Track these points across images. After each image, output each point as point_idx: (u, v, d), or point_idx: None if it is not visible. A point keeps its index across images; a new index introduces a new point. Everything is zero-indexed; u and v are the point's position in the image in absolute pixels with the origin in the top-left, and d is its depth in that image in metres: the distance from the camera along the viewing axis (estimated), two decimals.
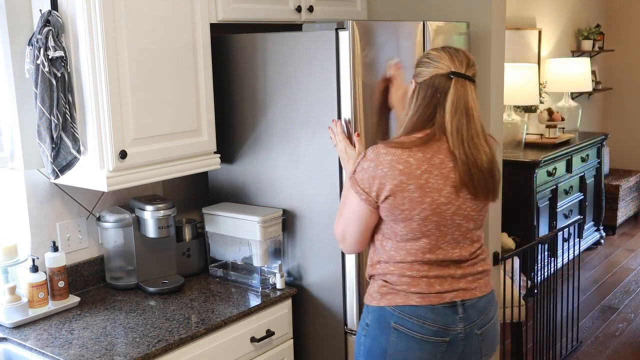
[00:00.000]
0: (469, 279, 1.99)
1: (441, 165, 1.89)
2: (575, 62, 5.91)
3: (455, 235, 1.96)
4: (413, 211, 1.89)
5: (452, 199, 1.90)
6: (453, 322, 1.96)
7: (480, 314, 2.01)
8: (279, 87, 2.46)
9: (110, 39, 2.09)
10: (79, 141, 2.15)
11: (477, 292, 2.00)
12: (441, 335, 1.95)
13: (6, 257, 2.25)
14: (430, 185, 1.88)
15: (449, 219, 1.92)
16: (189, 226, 2.64)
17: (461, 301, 1.97)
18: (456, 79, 1.88)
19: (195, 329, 2.11)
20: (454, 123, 1.87)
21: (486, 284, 2.05)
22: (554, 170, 5.06)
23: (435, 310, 1.95)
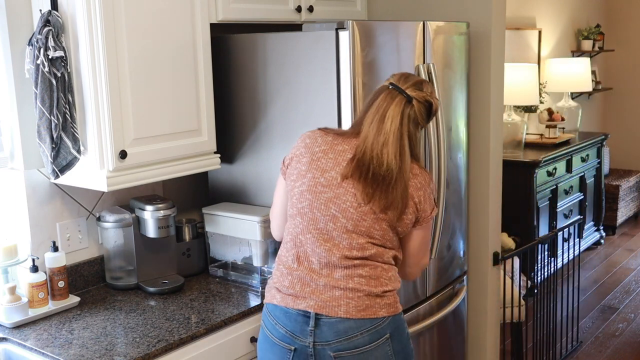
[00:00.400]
0: (334, 293, 1.89)
1: (340, 152, 1.94)
2: (575, 62, 5.91)
3: (329, 227, 1.91)
4: (296, 182, 1.97)
5: (332, 184, 1.91)
6: (302, 332, 1.91)
7: (337, 336, 1.88)
8: (279, 87, 2.46)
9: (110, 39, 2.09)
10: (79, 141, 2.15)
11: (340, 312, 1.88)
12: (287, 342, 1.93)
13: (6, 257, 2.24)
14: (319, 164, 1.94)
15: (323, 203, 1.91)
16: (189, 226, 2.64)
17: (315, 313, 1.89)
18: (390, 90, 1.94)
19: (195, 329, 2.11)
20: (367, 125, 1.92)
21: (361, 307, 1.88)
22: (554, 170, 5.06)
23: (288, 314, 1.93)
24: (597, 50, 6.54)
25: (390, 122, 1.89)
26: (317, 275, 1.91)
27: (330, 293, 1.89)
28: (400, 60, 2.48)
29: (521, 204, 4.72)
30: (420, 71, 2.52)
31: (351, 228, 1.90)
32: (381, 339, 1.90)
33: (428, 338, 2.79)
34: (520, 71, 4.99)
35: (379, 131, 1.89)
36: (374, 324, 1.89)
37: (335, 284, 1.90)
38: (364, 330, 1.88)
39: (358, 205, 1.89)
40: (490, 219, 3.05)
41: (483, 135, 2.97)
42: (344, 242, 1.91)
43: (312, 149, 1.97)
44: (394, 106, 1.91)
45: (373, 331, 1.89)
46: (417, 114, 1.93)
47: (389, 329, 1.91)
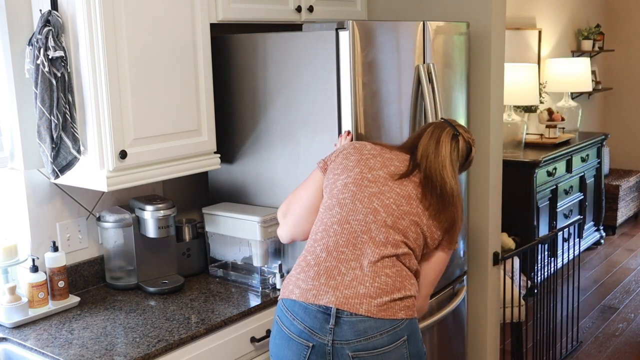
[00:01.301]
0: (358, 287, 1.87)
1: (388, 159, 2.03)
2: (575, 62, 5.91)
3: (368, 219, 1.93)
4: (341, 175, 2.01)
5: (379, 181, 1.97)
6: (322, 329, 1.88)
7: (357, 335, 1.86)
8: (279, 87, 2.46)
9: (110, 39, 2.09)
10: (79, 141, 2.15)
11: (361, 310, 1.85)
12: (305, 338, 1.90)
13: (6, 257, 2.24)
14: (368, 162, 2.01)
15: (367, 196, 1.95)
16: (189, 226, 2.64)
17: (336, 310, 1.86)
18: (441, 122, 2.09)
19: (195, 329, 2.11)
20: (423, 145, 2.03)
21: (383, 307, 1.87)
22: (554, 170, 5.06)
23: (307, 310, 1.90)
24: (597, 50, 6.54)
25: (444, 148, 2.01)
26: (346, 268, 1.90)
27: (354, 290, 1.87)
28: (400, 60, 2.48)
29: (521, 204, 4.72)
30: (420, 71, 2.52)
31: (390, 223, 1.93)
32: (399, 341, 1.89)
33: (428, 338, 2.79)
34: (520, 71, 5.00)
35: (437, 154, 2.00)
36: (393, 325, 1.88)
37: (361, 281, 1.88)
38: (383, 330, 1.87)
39: (400, 204, 1.94)
40: (490, 219, 3.05)
41: (483, 135, 2.97)
42: (381, 236, 1.92)
43: (362, 151, 2.04)
44: (445, 134, 2.03)
45: (392, 332, 1.88)
46: (460, 149, 2.05)
47: (406, 332, 1.91)
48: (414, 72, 2.53)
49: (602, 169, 5.94)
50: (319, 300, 1.88)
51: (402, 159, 2.03)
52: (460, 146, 2.04)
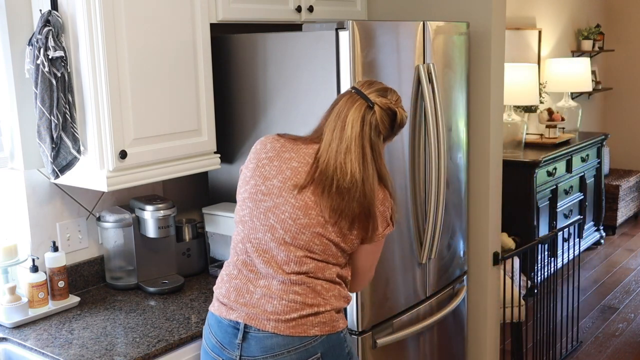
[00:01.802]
0: (266, 305, 1.80)
1: (286, 160, 1.85)
2: (575, 62, 5.91)
3: (267, 238, 1.82)
4: (241, 189, 1.91)
5: (273, 192, 1.83)
6: (230, 344, 1.84)
7: (264, 352, 1.80)
8: (279, 87, 2.46)
9: (110, 39, 2.09)
10: (79, 141, 2.15)
11: (268, 327, 1.79)
12: (217, 353, 1.87)
13: (6, 257, 2.25)
14: (263, 171, 1.86)
15: (263, 212, 1.83)
16: (189, 226, 2.64)
17: (244, 325, 1.81)
18: (351, 94, 1.85)
19: (195, 329, 2.11)
20: (329, 132, 1.82)
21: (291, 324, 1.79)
22: (554, 170, 5.06)
23: (220, 324, 1.87)
24: (597, 50, 6.54)
25: (351, 128, 1.80)
26: (254, 286, 1.84)
27: (263, 307, 1.81)
28: (400, 60, 2.48)
29: (521, 204, 4.72)
30: (420, 71, 2.52)
31: (289, 240, 1.81)
32: (311, 358, 1.81)
33: (428, 338, 2.79)
34: (520, 71, 5.00)
35: (341, 139, 1.80)
36: (304, 342, 1.80)
37: (270, 297, 1.81)
38: (291, 348, 1.79)
39: (297, 217, 1.80)
40: (490, 219, 3.05)
41: (483, 135, 2.97)
42: (282, 255, 1.81)
43: (259, 156, 1.89)
44: (353, 111, 1.82)
45: (302, 350, 1.80)
46: (378, 121, 1.82)
47: (320, 349, 1.81)
48: (414, 72, 2.53)
49: (602, 169, 5.94)
50: (229, 315, 1.85)
51: (303, 156, 1.85)
52: (379, 117, 1.82)
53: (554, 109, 5.65)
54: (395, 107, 1.85)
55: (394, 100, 1.86)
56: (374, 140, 1.83)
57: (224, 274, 1.92)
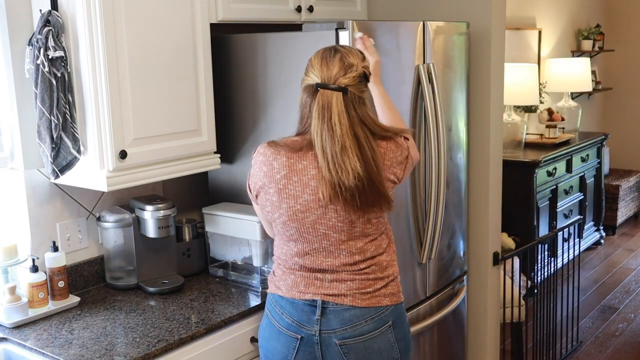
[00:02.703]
0: (340, 286, 1.93)
1: (302, 172, 1.88)
2: (575, 62, 5.91)
3: (324, 244, 1.92)
4: (274, 214, 1.95)
5: (310, 207, 1.88)
6: (309, 321, 1.94)
7: (343, 324, 1.92)
8: (279, 87, 2.46)
9: (110, 39, 2.09)
10: (79, 141, 2.15)
11: (346, 301, 1.92)
12: (294, 331, 1.96)
13: (6, 257, 2.24)
14: (288, 191, 1.89)
15: (310, 227, 1.90)
16: (189, 226, 2.64)
17: (322, 302, 1.92)
18: (322, 90, 1.85)
19: (195, 329, 2.11)
20: (319, 138, 1.83)
21: (367, 297, 1.93)
22: (554, 170, 5.06)
23: (294, 304, 1.96)
24: (597, 50, 6.54)
25: (339, 125, 1.82)
26: (323, 275, 1.94)
27: (336, 286, 1.93)
28: (400, 60, 2.48)
29: (521, 204, 4.72)
30: (420, 71, 2.52)
31: (345, 238, 1.91)
32: (384, 327, 1.94)
33: (428, 338, 2.79)
34: (520, 71, 5.00)
35: (333, 142, 1.81)
36: (378, 312, 1.93)
37: (341, 281, 1.93)
38: (368, 317, 1.92)
39: (345, 218, 1.88)
40: (490, 219, 3.05)
41: (483, 135, 2.97)
42: (344, 253, 1.93)
43: (274, 177, 1.91)
44: (334, 106, 1.83)
45: (377, 319, 1.93)
46: (355, 94, 1.86)
47: (391, 317, 1.96)
48: (414, 72, 2.53)
49: (602, 169, 5.94)
50: (304, 296, 1.95)
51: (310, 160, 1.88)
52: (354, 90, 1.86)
53: (554, 109, 5.65)
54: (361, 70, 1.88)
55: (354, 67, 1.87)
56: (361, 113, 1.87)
57: (285, 268, 2.00)
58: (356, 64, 1.89)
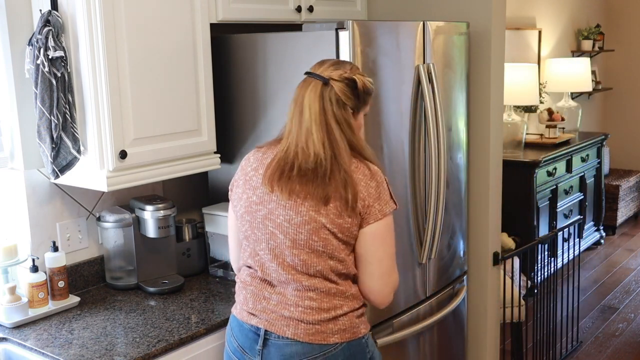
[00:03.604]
0: (283, 311, 1.79)
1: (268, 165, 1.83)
2: (575, 62, 5.91)
3: (271, 245, 1.80)
4: (237, 206, 1.91)
5: (264, 199, 1.81)
6: (251, 349, 1.83)
7: (282, 358, 1.78)
8: (279, 87, 2.46)
9: (110, 39, 2.09)
10: (79, 141, 2.15)
11: (288, 333, 1.77)
12: (239, 357, 1.87)
13: (6, 257, 2.24)
14: (251, 182, 1.86)
15: (261, 222, 1.82)
16: (189, 226, 2.64)
17: (265, 331, 1.80)
18: (305, 78, 1.83)
19: (195, 329, 2.11)
20: (289, 121, 1.81)
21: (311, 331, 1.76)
22: (554, 170, 5.06)
23: (242, 327, 1.87)
24: (597, 50, 6.54)
25: (309, 110, 1.76)
26: (269, 293, 1.83)
27: (280, 312, 1.80)
28: (400, 60, 2.48)
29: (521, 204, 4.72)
30: (420, 71, 2.52)
31: (290, 244, 1.77)
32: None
33: (428, 338, 2.79)
34: (520, 71, 4.99)
35: (300, 124, 1.77)
36: (324, 350, 1.77)
37: (286, 304, 1.80)
38: (310, 356, 1.77)
39: (289, 216, 1.76)
40: (490, 219, 3.05)
41: (483, 135, 2.97)
42: (288, 259, 1.78)
43: (245, 170, 1.90)
44: (309, 92, 1.78)
45: (321, 359, 1.77)
46: (338, 94, 1.78)
47: (341, 356, 1.78)
48: (414, 72, 2.53)
49: (602, 169, 5.94)
50: (250, 320, 1.85)
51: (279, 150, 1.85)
52: (337, 89, 1.78)
53: (554, 109, 5.65)
54: (352, 75, 1.81)
55: (348, 69, 1.82)
56: (339, 115, 1.78)
57: (239, 281, 1.94)
58: (349, 69, 1.83)
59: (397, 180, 2.49)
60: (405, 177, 2.53)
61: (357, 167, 1.79)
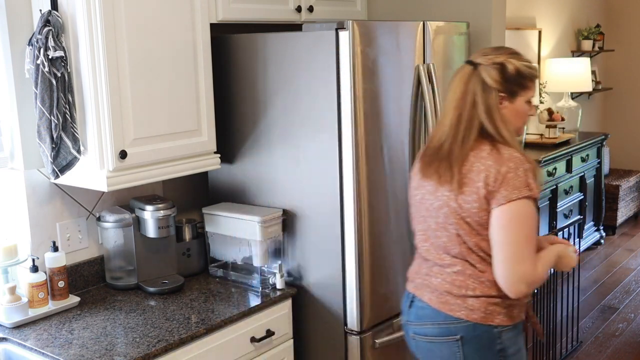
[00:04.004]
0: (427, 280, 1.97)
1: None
2: (575, 62, 5.91)
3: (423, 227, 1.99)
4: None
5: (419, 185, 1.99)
6: (404, 308, 2.06)
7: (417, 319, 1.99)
8: (279, 87, 2.46)
9: (110, 39, 2.09)
10: (79, 141, 2.15)
11: (424, 297, 1.97)
12: (403, 315, 2.09)
13: (6, 257, 2.24)
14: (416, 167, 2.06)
15: (416, 205, 2.01)
16: (189, 226, 2.64)
17: (413, 295, 2.02)
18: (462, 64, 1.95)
19: (195, 329, 2.11)
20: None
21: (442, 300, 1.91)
22: (554, 170, 5.06)
23: (405, 293, 2.09)
24: (597, 50, 6.54)
25: (452, 93, 1.90)
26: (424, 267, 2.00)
27: (425, 281, 1.97)
28: (400, 60, 2.48)
29: None
30: (420, 71, 2.52)
31: (434, 226, 1.94)
32: (450, 337, 1.90)
33: None
34: None
35: (444, 108, 1.95)
36: (448, 321, 1.90)
37: (430, 276, 1.96)
38: (436, 322, 1.93)
39: (431, 203, 1.92)
40: None
41: None
42: (433, 240, 1.96)
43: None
44: (458, 77, 1.91)
45: (444, 326, 1.91)
46: (485, 78, 1.85)
47: (462, 332, 1.88)
48: (414, 72, 2.53)
49: (602, 169, 5.94)
50: (408, 285, 2.07)
51: None
52: (484, 73, 1.85)
53: (554, 109, 5.65)
54: (502, 60, 1.86)
55: (501, 53, 1.89)
56: (481, 98, 1.85)
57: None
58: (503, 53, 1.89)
59: (397, 180, 2.50)
60: (406, 177, 2.53)
61: (488, 152, 1.84)
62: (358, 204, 2.34)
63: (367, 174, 2.36)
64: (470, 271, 1.88)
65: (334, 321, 2.46)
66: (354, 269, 2.37)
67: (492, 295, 1.88)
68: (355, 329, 2.41)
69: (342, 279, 2.41)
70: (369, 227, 2.39)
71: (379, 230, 2.44)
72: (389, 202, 2.47)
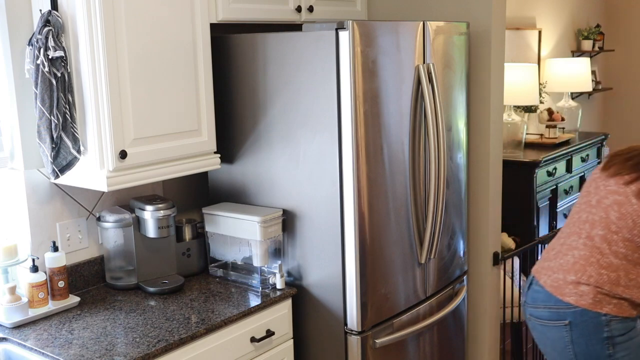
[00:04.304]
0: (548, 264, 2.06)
1: None
2: (575, 62, 5.91)
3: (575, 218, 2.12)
4: None
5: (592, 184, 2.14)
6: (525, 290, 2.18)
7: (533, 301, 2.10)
8: (279, 87, 2.46)
9: (110, 39, 2.09)
10: (79, 141, 2.15)
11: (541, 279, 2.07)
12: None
13: (6, 257, 2.24)
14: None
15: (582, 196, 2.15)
16: (189, 226, 2.64)
17: (533, 277, 2.11)
18: None
19: (195, 329, 2.11)
20: None
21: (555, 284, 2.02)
22: (554, 170, 5.06)
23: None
24: (597, 50, 6.54)
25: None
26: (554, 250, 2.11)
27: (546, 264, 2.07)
28: (400, 60, 2.48)
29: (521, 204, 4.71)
30: (420, 71, 2.52)
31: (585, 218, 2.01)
32: (559, 322, 1.98)
33: (428, 338, 2.79)
34: (520, 71, 4.99)
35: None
36: (558, 305, 2.00)
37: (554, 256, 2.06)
38: (547, 305, 2.04)
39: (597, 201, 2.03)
40: (490, 219, 3.05)
41: (483, 135, 2.97)
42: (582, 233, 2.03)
43: None
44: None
45: (554, 310, 1.99)
46: None
47: (571, 317, 1.96)
48: (414, 72, 2.53)
49: None
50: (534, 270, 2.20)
51: None
52: None
53: (554, 109, 5.64)
54: None
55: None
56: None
57: None
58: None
59: (397, 180, 2.50)
60: (405, 177, 2.53)
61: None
62: (358, 204, 2.34)
63: (367, 174, 2.36)
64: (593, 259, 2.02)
65: (334, 321, 2.46)
66: (354, 269, 2.37)
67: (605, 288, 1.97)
68: (355, 329, 2.41)
69: (342, 279, 2.41)
70: (369, 227, 2.39)
71: (379, 230, 2.44)
72: (389, 202, 2.47)
